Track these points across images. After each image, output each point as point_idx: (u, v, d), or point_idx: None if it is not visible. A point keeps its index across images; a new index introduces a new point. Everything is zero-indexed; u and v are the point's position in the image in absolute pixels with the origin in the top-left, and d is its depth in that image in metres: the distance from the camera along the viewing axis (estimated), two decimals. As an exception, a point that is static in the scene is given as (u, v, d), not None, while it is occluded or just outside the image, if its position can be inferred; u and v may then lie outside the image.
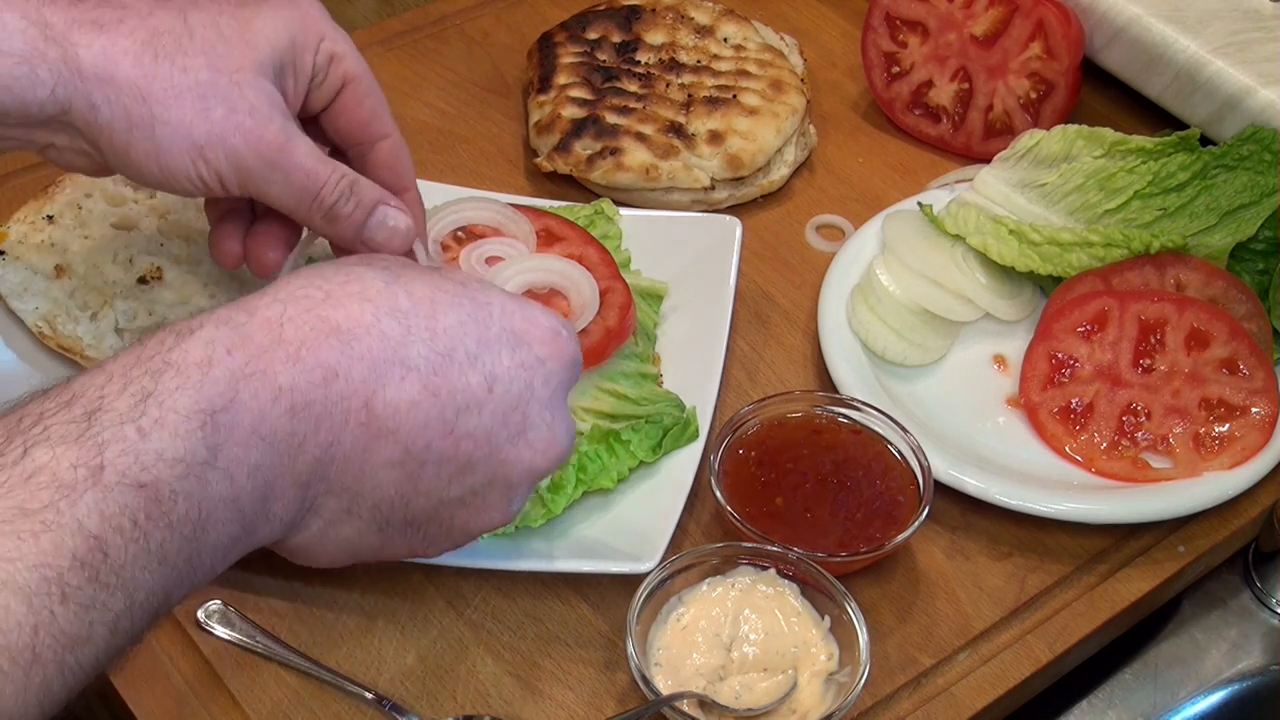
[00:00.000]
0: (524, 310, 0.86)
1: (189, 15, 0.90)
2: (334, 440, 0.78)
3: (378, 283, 0.81)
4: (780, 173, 1.36)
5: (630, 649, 0.95)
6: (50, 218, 1.17)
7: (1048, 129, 1.30)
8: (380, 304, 0.80)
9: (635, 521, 1.06)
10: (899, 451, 1.09)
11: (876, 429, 1.10)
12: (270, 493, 0.76)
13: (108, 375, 0.72)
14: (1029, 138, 1.29)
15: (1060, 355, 1.18)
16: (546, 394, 0.85)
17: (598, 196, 1.32)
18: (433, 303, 0.82)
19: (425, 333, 0.81)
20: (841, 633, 0.98)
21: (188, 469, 0.70)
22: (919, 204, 1.29)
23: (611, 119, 1.34)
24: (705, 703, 0.95)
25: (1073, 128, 1.28)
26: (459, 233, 1.15)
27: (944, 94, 1.42)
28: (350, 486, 0.80)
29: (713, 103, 1.36)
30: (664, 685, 0.95)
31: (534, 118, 1.37)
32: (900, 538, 1.03)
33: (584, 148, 1.32)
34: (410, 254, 0.99)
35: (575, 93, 1.37)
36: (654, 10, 1.46)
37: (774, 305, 1.27)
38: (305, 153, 0.92)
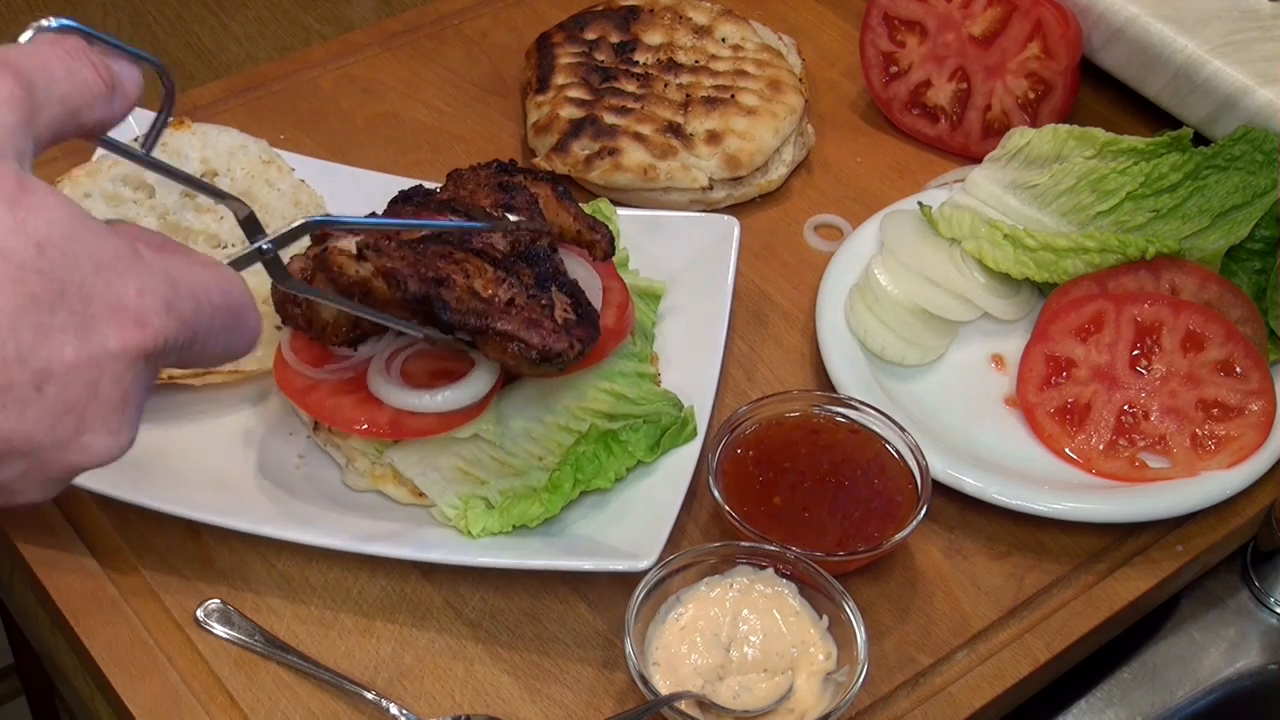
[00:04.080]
0: (118, 283, 0.69)
1: None
2: None
3: None
4: (778, 172, 1.36)
5: (628, 648, 0.95)
6: (48, 217, 1.16)
7: (1046, 129, 1.30)
8: None
9: (633, 520, 1.06)
10: (897, 451, 1.09)
11: (874, 428, 1.10)
12: None
13: None
14: (1019, 137, 1.29)
15: (1057, 357, 1.18)
16: (116, 396, 0.70)
17: (596, 196, 1.32)
18: None
19: None
20: (839, 632, 0.98)
21: None
22: (919, 204, 1.29)
23: (609, 119, 1.34)
24: (704, 703, 0.95)
25: (1064, 127, 1.28)
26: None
27: (942, 94, 1.42)
28: None
29: (711, 103, 1.36)
30: (662, 685, 0.95)
31: (532, 118, 1.37)
32: (898, 537, 1.03)
33: (582, 148, 1.32)
34: None
35: (573, 93, 1.37)
36: (652, 10, 1.46)
37: (772, 305, 1.27)
38: None
